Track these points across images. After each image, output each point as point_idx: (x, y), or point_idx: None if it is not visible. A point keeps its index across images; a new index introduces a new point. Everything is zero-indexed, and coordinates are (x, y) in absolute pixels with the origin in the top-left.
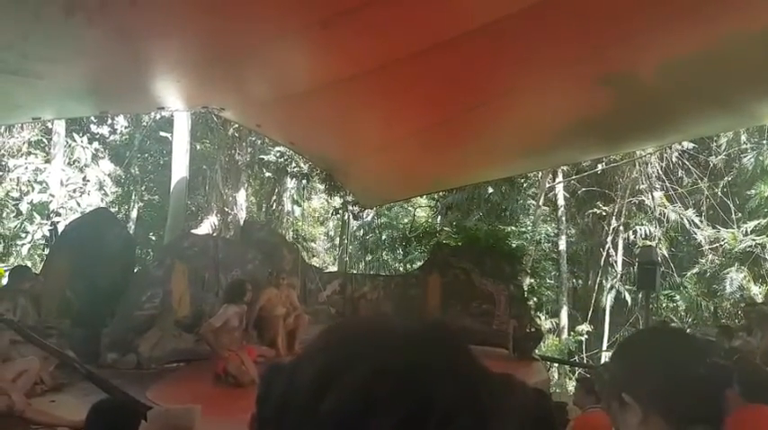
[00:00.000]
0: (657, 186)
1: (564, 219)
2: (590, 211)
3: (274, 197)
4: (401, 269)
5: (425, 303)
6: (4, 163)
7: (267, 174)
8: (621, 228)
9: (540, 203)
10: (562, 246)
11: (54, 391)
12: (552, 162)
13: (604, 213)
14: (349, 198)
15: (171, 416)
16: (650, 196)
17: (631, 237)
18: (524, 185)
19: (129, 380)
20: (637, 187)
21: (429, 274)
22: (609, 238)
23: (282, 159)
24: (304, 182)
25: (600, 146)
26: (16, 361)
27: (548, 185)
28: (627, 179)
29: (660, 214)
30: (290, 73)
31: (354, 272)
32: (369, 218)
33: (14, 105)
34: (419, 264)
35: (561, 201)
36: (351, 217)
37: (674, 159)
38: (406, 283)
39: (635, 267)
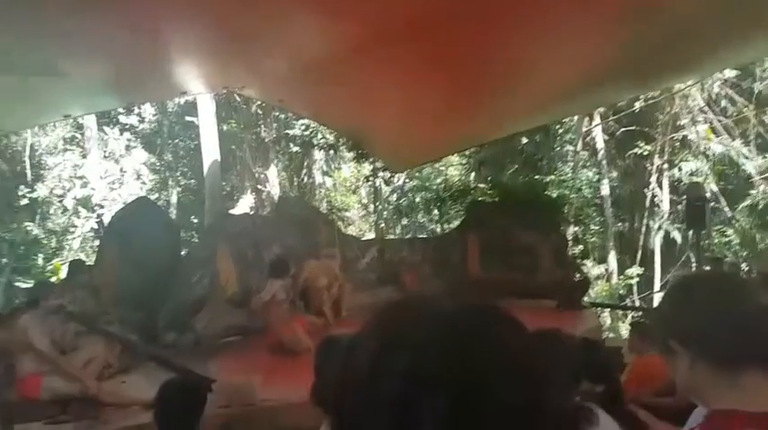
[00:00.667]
0: (700, 119)
1: (604, 162)
2: (631, 152)
3: (304, 170)
4: (438, 230)
5: (465, 263)
6: (43, 161)
7: (295, 149)
8: (665, 166)
9: (579, 149)
10: (605, 190)
11: (123, 373)
12: (586, 105)
13: (646, 152)
14: (378, 164)
15: (233, 388)
16: (693, 130)
17: (677, 175)
18: (560, 132)
19: (190, 357)
20: (678, 122)
21: (467, 234)
22: (653, 178)
23: (308, 132)
24: (332, 152)
25: (635, 84)
26: (83, 349)
27: (584, 129)
28: (667, 115)
29: (705, 148)
30: (308, 44)
31: (391, 237)
32: (400, 182)
33: (44, 104)
34: (456, 223)
35: (600, 144)
36: (382, 183)
37: (715, 90)
38: (444, 245)
39: (683, 205)
